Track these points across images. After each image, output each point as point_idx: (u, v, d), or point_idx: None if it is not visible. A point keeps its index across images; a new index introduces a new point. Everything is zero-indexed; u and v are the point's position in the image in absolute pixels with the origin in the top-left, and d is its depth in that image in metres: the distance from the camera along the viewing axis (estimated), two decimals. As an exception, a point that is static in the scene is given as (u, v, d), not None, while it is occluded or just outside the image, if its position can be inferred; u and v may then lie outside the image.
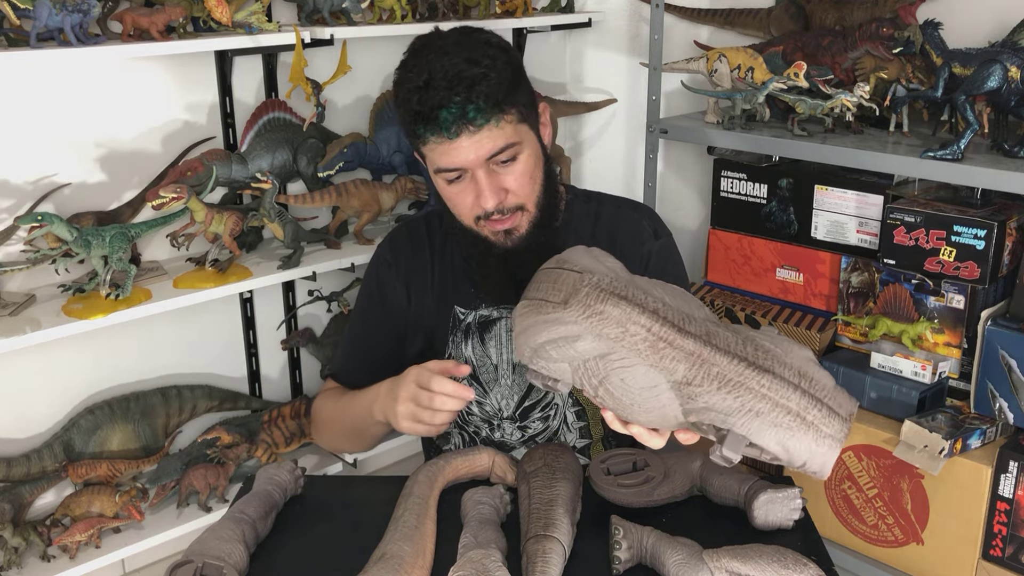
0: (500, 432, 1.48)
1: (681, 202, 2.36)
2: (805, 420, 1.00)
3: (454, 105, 1.24)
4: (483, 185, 1.29)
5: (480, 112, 1.25)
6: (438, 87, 1.24)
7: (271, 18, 1.80)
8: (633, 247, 1.46)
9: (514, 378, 1.45)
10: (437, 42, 1.30)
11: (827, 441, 1.00)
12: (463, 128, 1.25)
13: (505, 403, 1.46)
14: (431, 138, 1.27)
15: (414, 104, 1.26)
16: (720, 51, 1.93)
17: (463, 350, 1.46)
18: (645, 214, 1.53)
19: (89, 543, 1.66)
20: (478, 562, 0.99)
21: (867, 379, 1.71)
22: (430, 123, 1.25)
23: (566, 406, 1.46)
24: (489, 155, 1.28)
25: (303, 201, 1.88)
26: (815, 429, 1.00)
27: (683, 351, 1.02)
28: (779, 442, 1.00)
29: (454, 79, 1.24)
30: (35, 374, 1.72)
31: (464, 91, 1.24)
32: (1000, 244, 1.59)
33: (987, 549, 1.58)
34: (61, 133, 1.69)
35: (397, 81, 1.31)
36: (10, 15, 1.43)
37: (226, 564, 1.02)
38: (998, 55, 1.53)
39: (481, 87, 1.25)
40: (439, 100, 1.24)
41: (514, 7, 2.13)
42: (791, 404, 1.00)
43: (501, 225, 1.34)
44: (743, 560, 1.00)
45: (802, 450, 1.00)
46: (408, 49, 1.33)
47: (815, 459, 1.01)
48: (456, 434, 1.51)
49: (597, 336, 1.03)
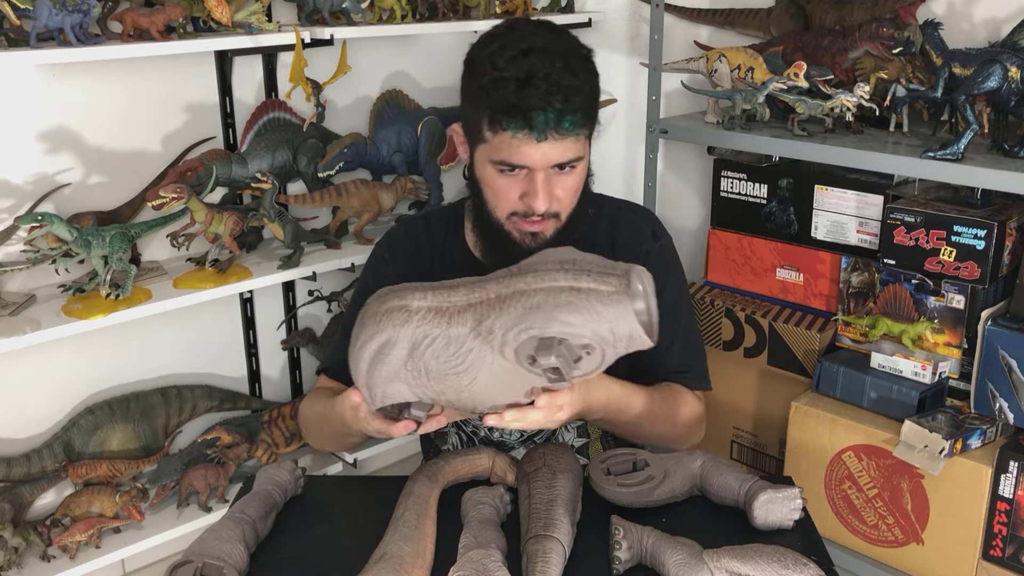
0: (499, 431, 1.47)
1: (681, 202, 2.36)
2: (581, 290, 1.03)
3: (552, 110, 1.25)
4: (539, 187, 1.31)
5: (573, 124, 1.27)
6: (539, 87, 1.24)
7: (271, 18, 1.80)
8: (632, 248, 1.47)
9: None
10: (533, 37, 1.30)
11: (614, 299, 1.02)
12: (551, 133, 1.26)
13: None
14: (513, 132, 1.27)
15: (510, 96, 1.25)
16: (720, 51, 1.93)
17: None
18: (644, 216, 1.53)
19: (89, 543, 1.66)
20: (478, 562, 0.99)
21: (867, 379, 1.71)
22: (520, 118, 1.25)
23: None
24: (557, 162, 1.30)
25: (303, 201, 1.88)
26: (595, 293, 1.03)
27: (463, 302, 1.09)
28: (569, 322, 1.02)
29: (555, 84, 1.25)
30: (35, 374, 1.72)
31: (563, 99, 1.25)
32: (1000, 244, 1.59)
33: (987, 549, 1.58)
34: (61, 133, 1.69)
35: (483, 61, 1.29)
36: (10, 15, 1.44)
37: (226, 564, 1.02)
38: (998, 55, 1.53)
39: (578, 99, 1.27)
40: (539, 101, 1.24)
41: (514, 7, 2.13)
42: (561, 283, 1.04)
43: (532, 227, 1.35)
44: (743, 560, 1.00)
45: (600, 319, 1.03)
46: (495, 32, 1.32)
47: (620, 324, 1.03)
48: (454, 433, 1.51)
49: (396, 333, 1.09)
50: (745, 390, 1.95)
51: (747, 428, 1.97)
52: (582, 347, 1.05)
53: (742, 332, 1.93)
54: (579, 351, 1.05)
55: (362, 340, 1.12)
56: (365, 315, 1.13)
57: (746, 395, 1.95)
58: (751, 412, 1.96)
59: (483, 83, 1.28)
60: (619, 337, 1.05)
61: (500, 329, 1.06)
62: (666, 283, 1.48)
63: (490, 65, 1.28)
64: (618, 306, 1.03)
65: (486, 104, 1.28)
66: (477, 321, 1.08)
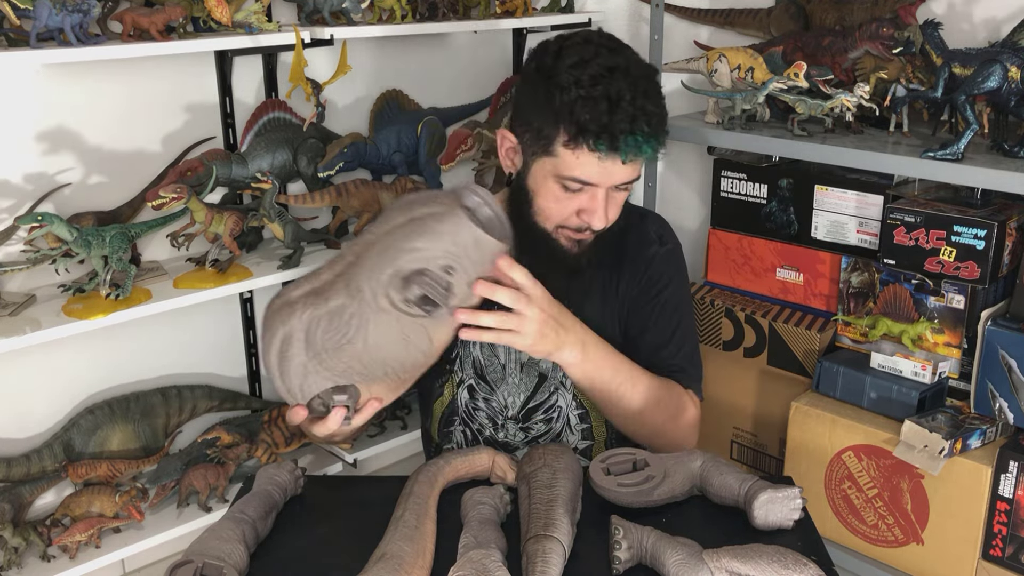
0: (504, 432, 1.48)
1: (681, 202, 2.36)
2: (416, 218, 1.13)
3: (640, 135, 1.27)
4: (601, 206, 1.33)
5: (654, 150, 1.30)
6: (627, 111, 1.26)
7: (271, 18, 1.80)
8: (637, 251, 1.47)
9: (521, 377, 1.46)
10: (612, 55, 1.31)
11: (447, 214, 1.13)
12: (632, 158, 1.29)
13: (511, 400, 1.47)
14: (593, 150, 1.27)
15: (601, 115, 1.25)
16: (720, 51, 1.93)
17: (471, 349, 1.48)
18: (652, 221, 1.55)
19: (89, 543, 1.66)
20: (478, 562, 0.99)
21: (867, 379, 1.71)
22: (606, 140, 1.26)
23: (569, 408, 1.47)
24: (622, 183, 1.33)
25: (303, 201, 1.88)
26: (430, 216, 1.13)
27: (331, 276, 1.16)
28: (415, 247, 1.11)
29: (641, 109, 1.27)
30: (35, 374, 1.72)
31: (648, 124, 1.28)
32: (1000, 244, 1.59)
33: (987, 549, 1.58)
34: (61, 133, 1.69)
35: (564, 74, 1.28)
36: (10, 15, 1.43)
37: (226, 564, 1.02)
38: (998, 55, 1.53)
39: (660, 125, 1.30)
40: (629, 126, 1.26)
41: (514, 7, 2.13)
42: (399, 220, 1.15)
43: (579, 236, 1.37)
44: (743, 560, 1.00)
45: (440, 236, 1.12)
46: (570, 45, 1.32)
47: (461, 232, 1.12)
48: (459, 432, 1.52)
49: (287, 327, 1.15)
50: (745, 390, 1.95)
51: (747, 428, 1.97)
52: (442, 269, 1.12)
53: (742, 332, 1.93)
54: (443, 276, 1.12)
55: (264, 346, 1.18)
56: (262, 325, 1.20)
57: (746, 395, 1.95)
58: (751, 412, 1.96)
59: (567, 99, 1.27)
60: (465, 245, 1.13)
61: (366, 283, 1.13)
62: (668, 286, 1.49)
63: (574, 81, 1.27)
64: (452, 218, 1.12)
65: (569, 120, 1.27)
66: (346, 285, 1.14)
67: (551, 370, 1.46)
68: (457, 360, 1.49)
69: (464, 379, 1.49)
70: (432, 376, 1.52)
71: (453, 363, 1.50)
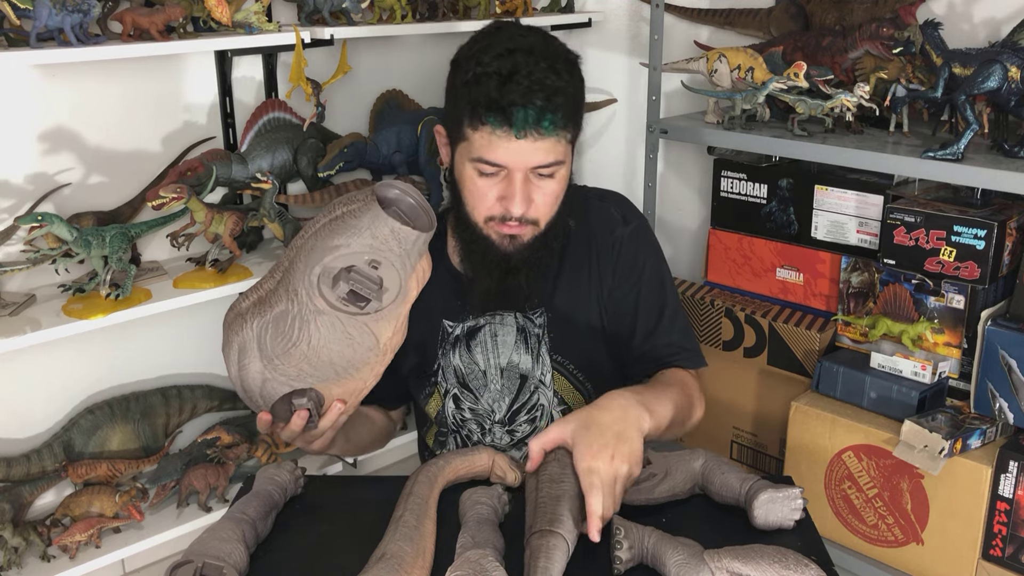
0: (491, 436, 1.48)
1: (681, 202, 2.36)
2: (336, 217, 1.19)
3: (532, 108, 1.24)
4: (517, 190, 1.30)
5: (553, 124, 1.26)
6: (520, 83, 1.24)
7: (271, 18, 1.80)
8: (603, 235, 1.46)
9: (503, 382, 1.46)
10: (520, 38, 1.30)
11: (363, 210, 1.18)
12: (530, 132, 1.26)
13: (497, 405, 1.46)
14: (493, 128, 1.26)
15: (492, 90, 1.25)
16: (720, 51, 1.93)
17: (451, 359, 1.47)
18: (612, 201, 1.51)
19: (89, 543, 1.66)
20: (475, 562, 0.99)
21: (867, 379, 1.71)
22: (501, 115, 1.25)
23: (552, 405, 1.46)
24: (537, 165, 1.29)
25: (303, 201, 1.88)
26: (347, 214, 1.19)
27: (273, 283, 1.23)
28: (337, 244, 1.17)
29: (537, 82, 1.25)
30: (35, 374, 1.72)
31: (545, 98, 1.25)
32: (1000, 244, 1.59)
33: (987, 549, 1.58)
34: (61, 133, 1.69)
35: (468, 59, 1.29)
36: (10, 15, 1.43)
37: (226, 564, 1.02)
38: (998, 55, 1.53)
39: (560, 99, 1.26)
40: (519, 98, 1.24)
41: (514, 7, 2.13)
42: (321, 222, 1.20)
43: (510, 230, 1.34)
44: (744, 560, 1.00)
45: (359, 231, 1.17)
46: (483, 33, 1.33)
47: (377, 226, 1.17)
48: (452, 440, 1.52)
49: (241, 338, 1.21)
50: (745, 390, 1.95)
51: (747, 428, 1.97)
52: (368, 264, 1.17)
53: (742, 332, 1.93)
54: (370, 271, 1.17)
55: (226, 360, 1.24)
56: (222, 339, 1.25)
57: (746, 395, 1.95)
58: (751, 412, 1.96)
59: (466, 79, 1.28)
60: (384, 238, 1.17)
61: (300, 285, 1.18)
62: (645, 266, 1.47)
63: (475, 62, 1.28)
64: (368, 213, 1.17)
65: (467, 100, 1.27)
66: (285, 290, 1.19)
67: (531, 370, 1.45)
68: (439, 371, 1.48)
69: (448, 389, 1.48)
70: (418, 387, 1.52)
71: (436, 374, 1.49)
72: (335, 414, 1.25)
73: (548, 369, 1.44)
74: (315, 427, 1.25)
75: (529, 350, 1.44)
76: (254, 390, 1.23)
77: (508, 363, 1.45)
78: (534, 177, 1.30)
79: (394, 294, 1.19)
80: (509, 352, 1.44)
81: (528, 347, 1.44)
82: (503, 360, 1.45)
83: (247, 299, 1.24)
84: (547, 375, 1.44)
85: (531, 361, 1.44)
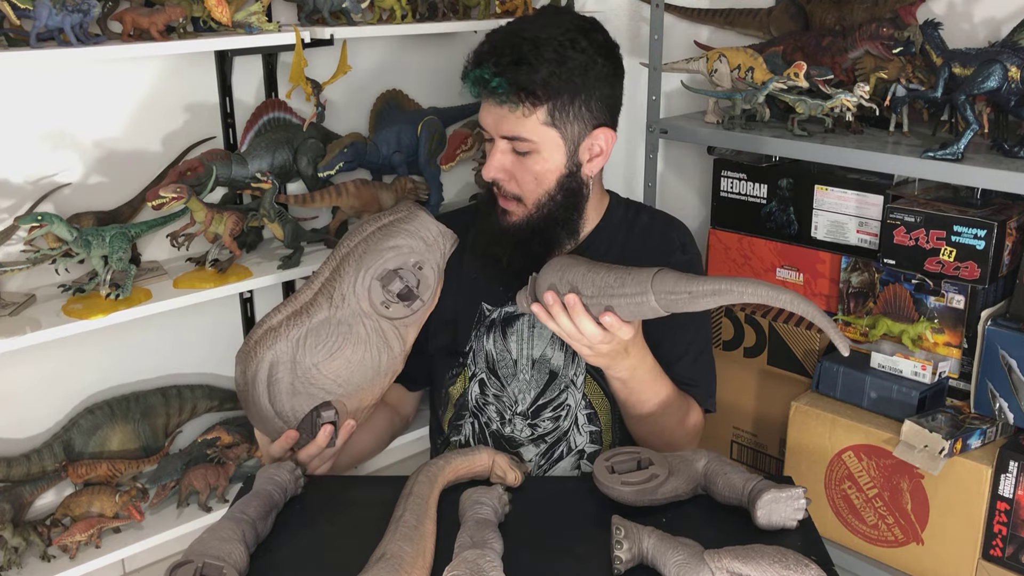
0: (511, 427, 1.48)
1: (681, 202, 2.36)
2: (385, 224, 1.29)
3: (484, 70, 1.30)
4: (489, 155, 1.37)
5: (502, 88, 1.30)
6: (483, 49, 1.33)
7: (271, 18, 1.80)
8: (660, 257, 1.47)
9: (532, 373, 1.47)
10: (527, 22, 1.39)
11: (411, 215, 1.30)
12: (486, 95, 1.33)
13: (522, 396, 1.47)
14: (471, 90, 1.35)
15: (470, 56, 1.34)
16: (720, 51, 1.93)
17: (484, 343, 1.48)
18: (677, 228, 1.55)
19: (89, 543, 1.66)
20: (473, 562, 0.99)
21: (867, 379, 1.71)
22: (465, 75, 1.34)
23: (578, 407, 1.46)
24: (505, 135, 1.34)
25: (303, 201, 1.88)
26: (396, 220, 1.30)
27: (310, 294, 1.28)
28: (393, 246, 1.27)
29: (503, 48, 1.30)
30: (35, 374, 1.72)
31: (500, 63, 1.30)
32: (1000, 244, 1.59)
33: (987, 549, 1.58)
34: (61, 133, 1.69)
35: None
36: (10, 15, 1.43)
37: (226, 564, 1.02)
38: (998, 55, 1.53)
39: (522, 69, 1.29)
40: (478, 59, 1.32)
41: (514, 7, 2.13)
42: (370, 230, 1.29)
43: (503, 203, 1.40)
44: (744, 560, 1.00)
45: (411, 234, 1.28)
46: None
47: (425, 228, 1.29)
48: (468, 424, 1.52)
49: (274, 352, 1.24)
50: (745, 390, 1.95)
51: (747, 428, 1.97)
52: (414, 265, 1.27)
53: (742, 332, 1.93)
54: (415, 273, 1.27)
55: (249, 376, 1.25)
56: (240, 356, 1.26)
57: (746, 395, 1.95)
58: (751, 412, 1.96)
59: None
60: (431, 239, 1.29)
61: (349, 289, 1.24)
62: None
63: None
64: (416, 219, 1.29)
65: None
66: (328, 298, 1.24)
67: (562, 368, 1.46)
68: (471, 353, 1.49)
69: (476, 372, 1.49)
70: (444, 367, 1.53)
71: (466, 356, 1.50)
72: (348, 431, 1.31)
73: (582, 371, 1.45)
74: (335, 444, 1.28)
75: (564, 347, 1.45)
76: (285, 405, 1.25)
77: (541, 356, 1.46)
78: (511, 152, 1.36)
79: (432, 296, 1.29)
80: (544, 345, 1.46)
81: (564, 345, 1.45)
82: (536, 352, 1.46)
83: (279, 313, 1.27)
84: (579, 377, 1.45)
85: (564, 359, 1.45)
